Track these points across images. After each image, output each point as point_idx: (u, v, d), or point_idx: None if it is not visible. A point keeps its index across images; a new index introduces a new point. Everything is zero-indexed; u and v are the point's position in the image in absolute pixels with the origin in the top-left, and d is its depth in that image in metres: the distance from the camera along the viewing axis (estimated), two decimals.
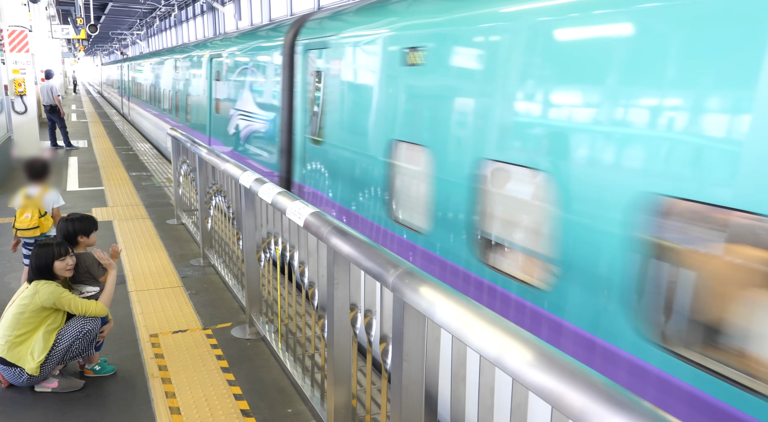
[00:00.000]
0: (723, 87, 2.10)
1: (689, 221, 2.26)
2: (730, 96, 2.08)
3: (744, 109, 2.02)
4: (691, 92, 2.20)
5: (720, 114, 2.11)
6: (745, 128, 2.01)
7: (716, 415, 2.07)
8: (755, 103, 1.98)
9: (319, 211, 2.95)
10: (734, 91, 2.06)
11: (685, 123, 2.21)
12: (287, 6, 25.26)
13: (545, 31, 2.85)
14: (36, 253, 3.47)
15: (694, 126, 2.18)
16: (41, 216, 4.69)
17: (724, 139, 2.08)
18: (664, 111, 2.29)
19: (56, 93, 14.27)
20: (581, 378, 1.35)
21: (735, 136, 2.05)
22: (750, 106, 2.00)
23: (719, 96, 2.12)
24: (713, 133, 2.12)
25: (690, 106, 2.20)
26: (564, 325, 2.65)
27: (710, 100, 2.14)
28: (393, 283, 2.09)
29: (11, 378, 3.45)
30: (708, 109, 2.15)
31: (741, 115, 2.03)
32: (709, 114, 2.14)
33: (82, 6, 26.84)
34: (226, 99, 8.85)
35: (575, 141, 2.64)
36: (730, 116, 2.07)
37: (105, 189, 9.69)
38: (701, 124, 2.16)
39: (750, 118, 2.00)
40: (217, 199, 5.49)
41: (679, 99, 2.25)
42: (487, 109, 3.21)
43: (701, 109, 2.16)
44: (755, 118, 1.98)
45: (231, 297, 5.04)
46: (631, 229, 2.35)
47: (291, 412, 3.36)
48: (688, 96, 2.21)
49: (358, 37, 4.80)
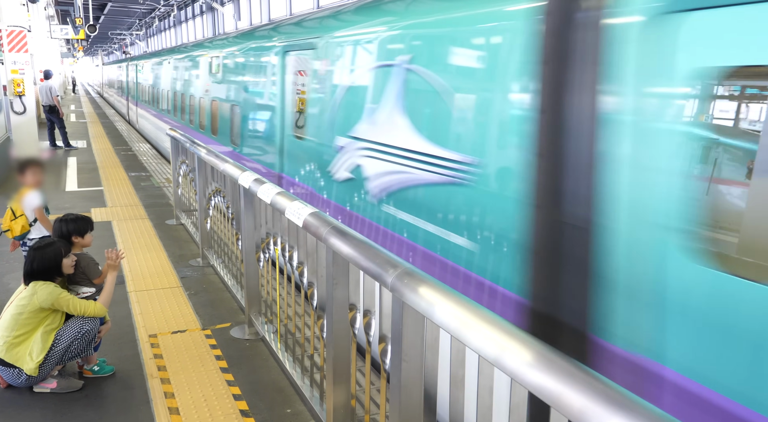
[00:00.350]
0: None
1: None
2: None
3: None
4: None
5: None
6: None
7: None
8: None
9: (318, 211, 2.95)
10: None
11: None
12: (287, 6, 25.26)
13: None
14: (40, 256, 3.47)
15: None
16: (14, 217, 4.57)
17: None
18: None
19: (55, 93, 14.27)
20: (580, 378, 1.35)
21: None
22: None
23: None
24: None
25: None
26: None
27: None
28: (392, 283, 2.09)
29: (10, 378, 3.44)
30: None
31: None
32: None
33: (81, 6, 26.82)
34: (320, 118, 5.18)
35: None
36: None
37: (104, 189, 9.68)
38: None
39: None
40: (217, 199, 5.49)
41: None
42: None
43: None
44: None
45: (230, 298, 5.03)
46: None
47: (290, 412, 3.36)
48: None
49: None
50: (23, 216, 4.61)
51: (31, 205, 4.63)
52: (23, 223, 4.61)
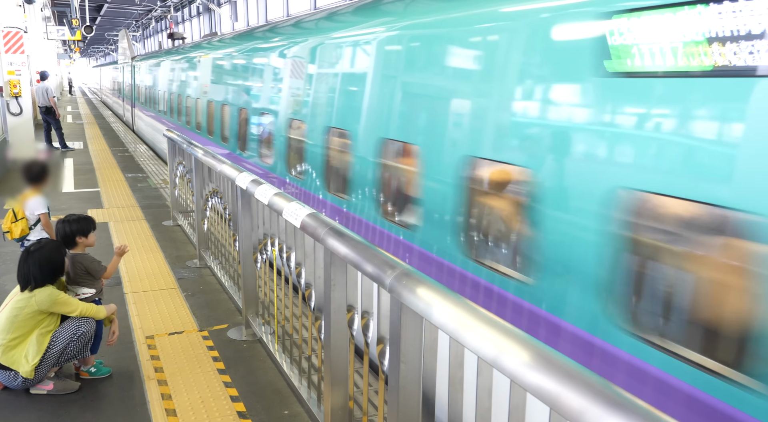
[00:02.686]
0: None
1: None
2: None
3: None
4: None
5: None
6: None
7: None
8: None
9: (315, 212, 2.94)
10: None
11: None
12: (283, 7, 25.27)
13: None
14: (47, 259, 3.45)
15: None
16: (16, 220, 4.57)
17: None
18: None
19: (51, 94, 14.23)
20: (579, 379, 1.35)
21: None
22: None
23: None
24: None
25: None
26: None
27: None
28: (390, 284, 2.08)
29: (6, 381, 3.43)
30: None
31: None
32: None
33: (77, 7, 26.77)
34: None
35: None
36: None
37: (101, 190, 9.66)
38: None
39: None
40: (214, 200, 5.48)
41: None
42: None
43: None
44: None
45: (227, 299, 5.02)
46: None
47: (287, 414, 3.35)
48: None
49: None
50: (24, 220, 4.62)
51: (37, 209, 4.67)
52: (23, 226, 4.62)
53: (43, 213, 4.70)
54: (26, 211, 4.63)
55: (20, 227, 4.60)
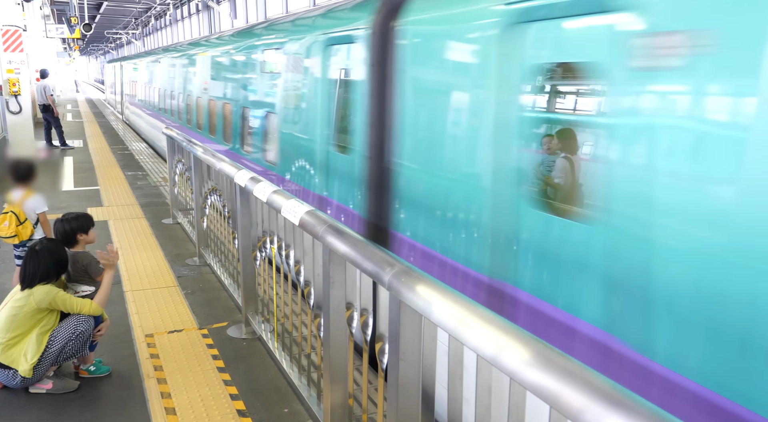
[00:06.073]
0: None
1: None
2: None
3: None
4: None
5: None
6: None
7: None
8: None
9: (314, 210, 2.93)
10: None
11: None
12: (283, 4, 25.21)
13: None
14: (51, 256, 3.45)
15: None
16: (20, 223, 4.52)
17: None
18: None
19: (49, 92, 14.21)
20: (579, 376, 1.34)
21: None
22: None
23: None
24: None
25: None
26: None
27: None
28: (389, 282, 2.07)
29: (5, 380, 3.42)
30: None
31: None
32: None
33: (76, 5, 26.74)
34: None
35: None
36: None
37: (100, 188, 9.65)
38: None
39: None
40: (213, 197, 5.47)
41: None
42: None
43: None
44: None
45: (227, 297, 5.01)
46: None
47: (287, 412, 3.34)
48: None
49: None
50: (28, 221, 4.61)
51: (36, 209, 4.66)
52: (30, 228, 4.62)
53: (42, 212, 4.69)
54: (26, 210, 4.61)
55: (28, 228, 4.61)
